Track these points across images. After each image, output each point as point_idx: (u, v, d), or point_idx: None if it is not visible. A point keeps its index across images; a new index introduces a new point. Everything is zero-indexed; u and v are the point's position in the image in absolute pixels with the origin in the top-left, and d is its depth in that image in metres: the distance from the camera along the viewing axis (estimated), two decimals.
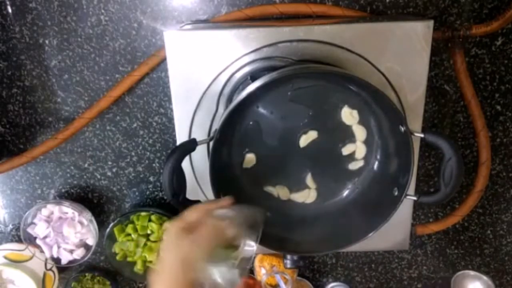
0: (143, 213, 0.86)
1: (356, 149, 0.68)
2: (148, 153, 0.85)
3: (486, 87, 0.78)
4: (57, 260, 0.89)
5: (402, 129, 0.58)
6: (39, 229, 0.86)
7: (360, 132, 0.66)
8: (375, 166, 0.68)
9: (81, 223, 0.87)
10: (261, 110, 0.65)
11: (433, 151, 0.83)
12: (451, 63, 0.75)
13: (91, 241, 0.88)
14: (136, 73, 0.76)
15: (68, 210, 0.86)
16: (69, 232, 0.86)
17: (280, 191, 0.70)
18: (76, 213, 0.86)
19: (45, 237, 0.88)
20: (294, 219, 0.69)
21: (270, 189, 0.70)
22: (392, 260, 0.95)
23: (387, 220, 0.61)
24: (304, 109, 0.65)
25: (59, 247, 0.88)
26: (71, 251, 0.89)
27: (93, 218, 0.86)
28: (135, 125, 0.83)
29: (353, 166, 0.69)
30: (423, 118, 0.70)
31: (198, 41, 0.65)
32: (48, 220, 0.87)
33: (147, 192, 0.89)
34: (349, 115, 0.65)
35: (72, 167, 0.87)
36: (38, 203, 0.89)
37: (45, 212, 0.87)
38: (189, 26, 0.71)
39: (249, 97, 0.57)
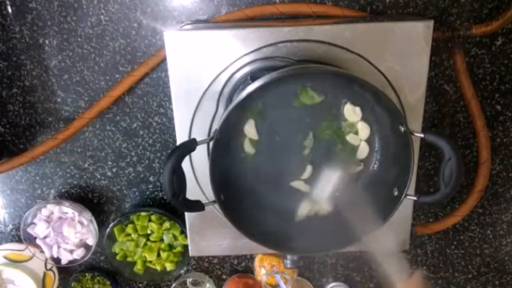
0: (143, 213, 0.86)
1: (359, 148, 0.67)
2: (148, 153, 0.85)
3: (486, 87, 0.78)
4: (57, 260, 0.89)
5: (402, 129, 0.58)
6: (39, 229, 0.86)
7: (363, 130, 0.66)
8: (375, 166, 0.68)
9: (81, 223, 0.87)
10: (261, 110, 0.65)
11: (433, 151, 0.83)
12: (451, 63, 0.75)
13: (91, 241, 0.88)
14: (136, 73, 0.76)
15: (68, 210, 0.86)
16: (69, 232, 0.86)
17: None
18: (76, 213, 0.86)
19: (45, 237, 0.88)
20: (294, 219, 0.69)
21: (270, 188, 0.70)
22: None
23: (387, 220, 0.61)
24: (304, 110, 0.65)
25: (59, 247, 0.88)
26: (71, 251, 0.89)
27: (93, 218, 0.86)
28: (135, 125, 0.83)
29: (354, 166, 0.69)
30: (423, 118, 0.69)
31: (198, 41, 0.65)
32: (48, 220, 0.87)
33: (147, 192, 0.89)
34: (352, 112, 0.65)
35: (72, 167, 0.87)
36: (38, 203, 0.89)
37: (45, 212, 0.87)
38: (189, 26, 0.71)
39: (249, 97, 0.57)
